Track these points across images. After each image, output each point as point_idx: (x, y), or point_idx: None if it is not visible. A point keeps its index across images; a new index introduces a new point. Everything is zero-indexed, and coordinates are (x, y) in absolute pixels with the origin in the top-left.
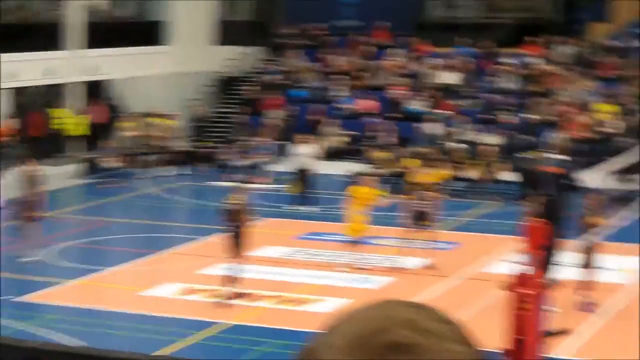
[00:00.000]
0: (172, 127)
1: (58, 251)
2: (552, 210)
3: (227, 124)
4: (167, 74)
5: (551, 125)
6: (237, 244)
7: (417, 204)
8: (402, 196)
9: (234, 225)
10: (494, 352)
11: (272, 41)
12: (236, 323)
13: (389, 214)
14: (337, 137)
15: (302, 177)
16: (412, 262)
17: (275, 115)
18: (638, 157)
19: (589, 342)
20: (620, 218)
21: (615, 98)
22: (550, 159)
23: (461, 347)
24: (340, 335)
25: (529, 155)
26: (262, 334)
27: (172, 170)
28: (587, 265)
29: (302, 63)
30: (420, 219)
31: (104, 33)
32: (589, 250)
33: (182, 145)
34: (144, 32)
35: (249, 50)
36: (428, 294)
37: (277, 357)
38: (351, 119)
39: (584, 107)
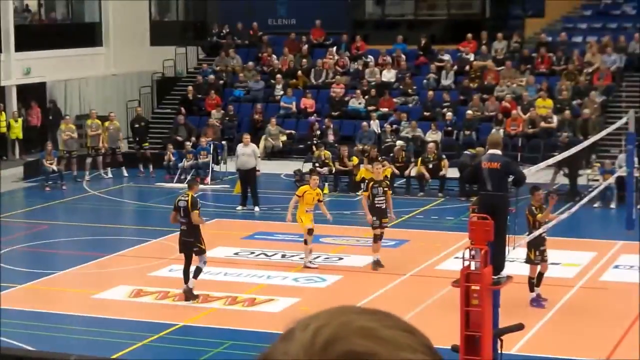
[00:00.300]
0: (111, 128)
1: (4, 255)
2: (495, 206)
3: (166, 124)
4: (105, 76)
5: (490, 121)
6: (189, 242)
7: (377, 201)
8: (363, 194)
9: (187, 223)
10: (444, 349)
11: (208, 41)
12: (187, 324)
13: (336, 212)
14: (278, 136)
15: (246, 177)
16: (361, 260)
17: (215, 116)
18: (578, 151)
19: (539, 337)
20: (565, 212)
21: (552, 93)
22: (490, 155)
23: (419, 356)
24: (296, 344)
25: (469, 151)
26: (213, 334)
27: (113, 172)
28: (534, 260)
29: (240, 62)
30: (380, 216)
31: (38, 36)
32: (536, 246)
33: (122, 147)
34: (79, 34)
35: (185, 50)
36: (377, 292)
37: (229, 357)
38: (292, 118)
39: (522, 103)
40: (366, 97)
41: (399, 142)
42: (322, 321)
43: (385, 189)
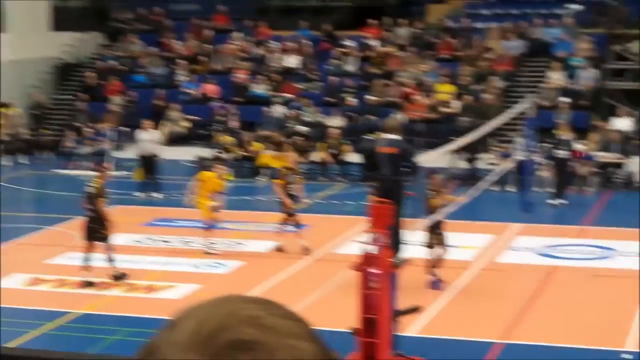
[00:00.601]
0: (11, 115)
1: None
2: (393, 191)
3: (68, 111)
4: (4, 62)
5: (392, 106)
6: (94, 229)
7: (289, 188)
8: (277, 181)
9: (92, 209)
10: (344, 332)
11: (109, 26)
12: (86, 312)
13: (238, 198)
14: (180, 122)
15: (147, 163)
16: (262, 245)
17: (116, 102)
18: (478, 136)
19: (436, 318)
20: (464, 196)
21: (453, 78)
22: (386, 140)
23: (306, 344)
24: (182, 333)
25: (371, 136)
26: (112, 322)
27: (11, 159)
28: (433, 243)
29: (142, 48)
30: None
31: None
32: (434, 229)
33: (23, 133)
34: None
35: (86, 36)
36: (278, 277)
37: (128, 345)
38: (194, 104)
39: (423, 88)
40: (269, 82)
41: (302, 128)
42: (207, 310)
43: (296, 176)
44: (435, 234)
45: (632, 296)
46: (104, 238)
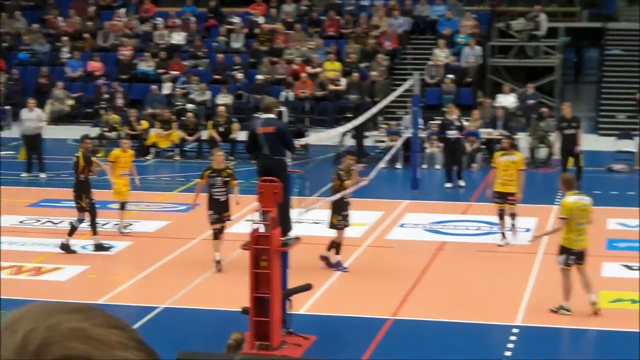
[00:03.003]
0: None
1: None
2: (274, 169)
3: None
4: None
5: (280, 84)
6: None
7: (215, 193)
8: (198, 181)
9: None
10: (235, 311)
11: None
12: None
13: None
14: (65, 100)
15: (31, 142)
16: (151, 225)
17: None
18: (366, 113)
19: (327, 296)
20: (367, 176)
21: (340, 56)
22: (264, 119)
23: (135, 353)
24: (7, 348)
25: (257, 114)
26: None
27: None
28: (337, 225)
29: (25, 25)
30: (219, 210)
31: None
32: (341, 210)
33: None
34: None
35: None
36: (166, 258)
37: None
38: (79, 82)
39: (311, 66)
40: (156, 60)
41: (190, 106)
42: (30, 324)
43: (227, 178)
44: (340, 216)
45: (521, 271)
46: None
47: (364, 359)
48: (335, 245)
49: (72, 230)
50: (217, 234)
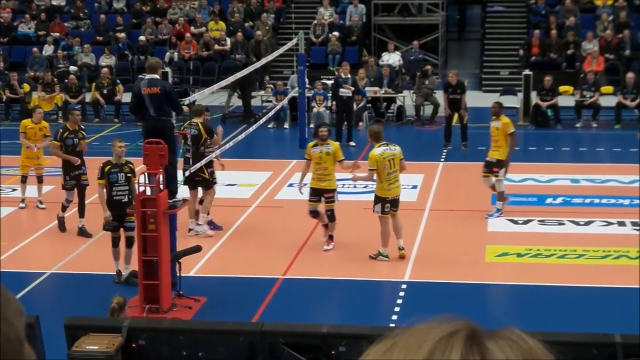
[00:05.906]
0: None
1: None
2: (159, 130)
3: None
4: None
5: (164, 44)
6: None
7: (117, 192)
8: (98, 182)
9: None
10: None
11: None
12: None
13: (8, 142)
14: None
15: None
16: (44, 188)
17: None
18: (250, 72)
19: (217, 258)
20: (240, 134)
21: (224, 15)
22: (148, 80)
23: None
24: None
25: (142, 75)
26: None
27: None
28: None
29: None
30: (120, 212)
31: None
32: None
33: None
34: None
35: None
36: (49, 225)
37: None
38: None
39: (195, 25)
40: (36, 21)
41: (72, 68)
42: None
43: (129, 174)
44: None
45: (410, 228)
46: None
47: (255, 319)
48: (207, 204)
49: None
50: (116, 244)
